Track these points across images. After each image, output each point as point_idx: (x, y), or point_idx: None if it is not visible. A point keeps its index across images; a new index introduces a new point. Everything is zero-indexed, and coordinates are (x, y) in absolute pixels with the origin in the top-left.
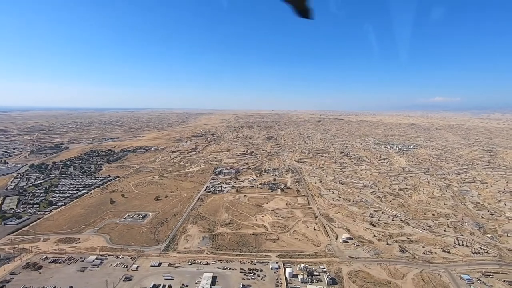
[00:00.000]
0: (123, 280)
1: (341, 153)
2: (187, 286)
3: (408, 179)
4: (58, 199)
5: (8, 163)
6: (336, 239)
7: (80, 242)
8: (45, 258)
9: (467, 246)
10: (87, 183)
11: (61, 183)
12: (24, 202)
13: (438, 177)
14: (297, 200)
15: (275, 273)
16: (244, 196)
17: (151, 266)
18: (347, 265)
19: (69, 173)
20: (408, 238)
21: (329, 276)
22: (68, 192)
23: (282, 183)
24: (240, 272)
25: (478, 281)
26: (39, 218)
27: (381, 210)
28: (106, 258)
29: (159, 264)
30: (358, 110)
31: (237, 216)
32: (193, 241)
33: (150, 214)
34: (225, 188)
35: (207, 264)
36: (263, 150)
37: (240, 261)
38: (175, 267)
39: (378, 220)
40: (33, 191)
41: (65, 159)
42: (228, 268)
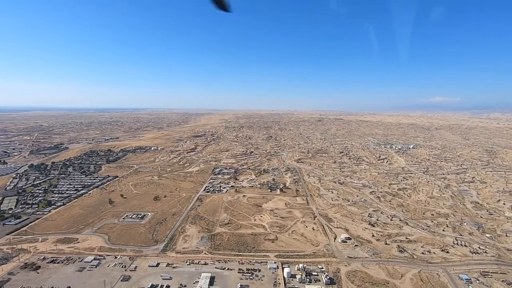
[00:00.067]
0: (121, 280)
1: (341, 153)
2: (185, 286)
3: (407, 179)
4: (57, 199)
5: (7, 163)
6: (334, 239)
7: (78, 242)
8: (43, 258)
9: (466, 246)
10: (86, 183)
11: (60, 183)
12: (23, 202)
13: (437, 177)
14: (296, 200)
15: (273, 273)
16: (243, 196)
17: (149, 266)
18: (345, 265)
19: (68, 173)
20: (407, 238)
21: (327, 276)
22: (67, 192)
23: (281, 183)
24: (238, 272)
25: (477, 281)
26: (38, 218)
27: (380, 210)
28: (104, 258)
29: (157, 264)
30: (358, 110)
31: (236, 216)
32: (191, 241)
33: (149, 214)
34: (224, 188)
35: (205, 264)
36: (263, 150)
37: (239, 261)
38: (173, 267)
39: (377, 220)
40: (32, 191)
41: (65, 159)
42: (226, 268)
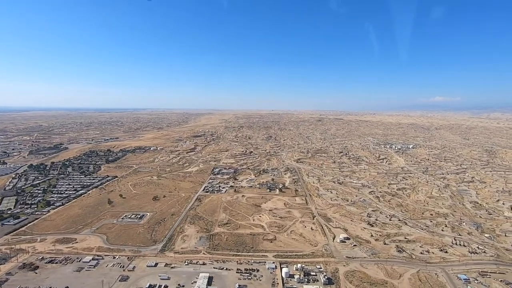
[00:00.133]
0: (119, 281)
1: (340, 153)
2: (183, 286)
3: (406, 179)
4: (56, 199)
5: (6, 164)
6: (333, 239)
7: (77, 242)
8: (42, 258)
9: (465, 246)
10: (85, 183)
11: (59, 184)
12: (22, 202)
13: (436, 177)
14: (295, 200)
15: (271, 273)
16: (242, 196)
17: (147, 266)
18: (344, 265)
19: (67, 173)
20: (406, 238)
21: (325, 276)
22: (66, 192)
23: (280, 183)
24: (237, 272)
25: (475, 281)
26: (37, 219)
27: (379, 210)
28: (103, 258)
29: (156, 264)
30: (358, 110)
31: (235, 216)
32: (190, 241)
33: (148, 214)
34: (223, 188)
35: (204, 264)
36: (262, 150)
37: (237, 261)
38: (172, 267)
39: (376, 220)
40: (31, 191)
41: (64, 159)
42: (225, 268)
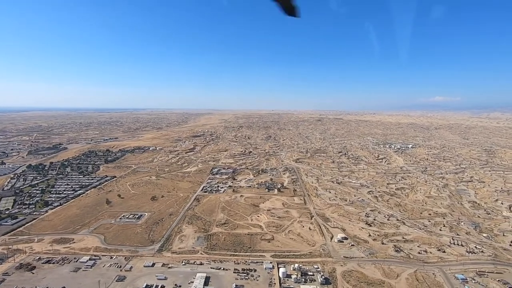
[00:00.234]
0: (116, 281)
1: (339, 152)
2: (180, 286)
3: (405, 179)
4: (54, 199)
5: (5, 164)
6: (331, 239)
7: (74, 242)
8: (39, 258)
9: (463, 246)
10: (83, 184)
11: (57, 184)
12: (20, 202)
13: (435, 177)
14: (294, 200)
15: (268, 273)
16: (241, 196)
17: (144, 266)
18: (341, 265)
19: (66, 173)
20: (404, 238)
21: (322, 276)
22: (65, 192)
23: (279, 183)
24: (234, 272)
25: (473, 281)
26: (35, 219)
27: (377, 210)
28: (100, 259)
29: (153, 265)
30: (358, 109)
31: (233, 216)
32: (187, 241)
33: (146, 214)
34: (222, 188)
35: (201, 264)
36: (261, 150)
37: (234, 261)
38: (169, 267)
39: (374, 219)
40: (30, 191)
41: (63, 160)
42: (222, 268)
